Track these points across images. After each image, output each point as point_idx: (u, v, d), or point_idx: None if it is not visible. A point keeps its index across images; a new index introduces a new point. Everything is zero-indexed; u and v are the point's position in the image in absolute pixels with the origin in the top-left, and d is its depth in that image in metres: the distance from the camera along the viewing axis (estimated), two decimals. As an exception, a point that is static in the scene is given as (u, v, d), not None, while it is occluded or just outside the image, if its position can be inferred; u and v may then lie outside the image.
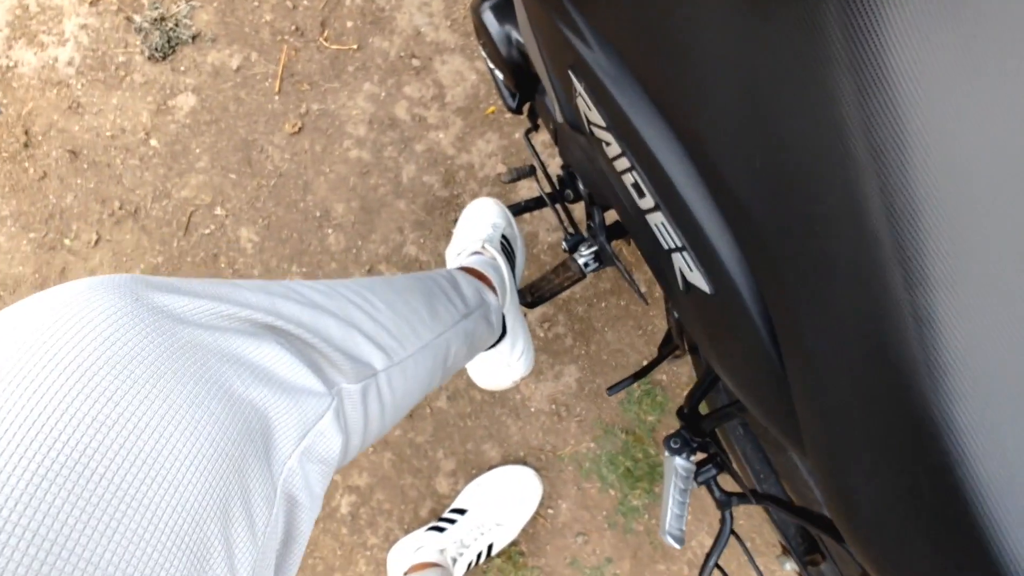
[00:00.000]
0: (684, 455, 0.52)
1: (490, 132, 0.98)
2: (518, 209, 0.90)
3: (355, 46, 0.99)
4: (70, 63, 0.96)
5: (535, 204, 0.88)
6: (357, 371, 0.39)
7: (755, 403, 0.36)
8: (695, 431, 0.52)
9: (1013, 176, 0.22)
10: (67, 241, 0.96)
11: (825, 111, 0.23)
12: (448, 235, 0.97)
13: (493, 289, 0.70)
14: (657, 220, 0.36)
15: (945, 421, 0.23)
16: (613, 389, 0.70)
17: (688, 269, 0.35)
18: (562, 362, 0.97)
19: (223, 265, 0.96)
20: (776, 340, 0.31)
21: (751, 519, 0.92)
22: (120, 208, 0.96)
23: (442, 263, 0.97)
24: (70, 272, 0.96)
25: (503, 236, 0.82)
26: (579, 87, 0.39)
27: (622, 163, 0.38)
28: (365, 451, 0.95)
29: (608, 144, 0.38)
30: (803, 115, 0.24)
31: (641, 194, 0.37)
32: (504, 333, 0.74)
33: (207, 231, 0.97)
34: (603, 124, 0.38)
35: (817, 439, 0.28)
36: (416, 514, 0.94)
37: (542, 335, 0.96)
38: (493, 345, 0.75)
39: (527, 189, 0.98)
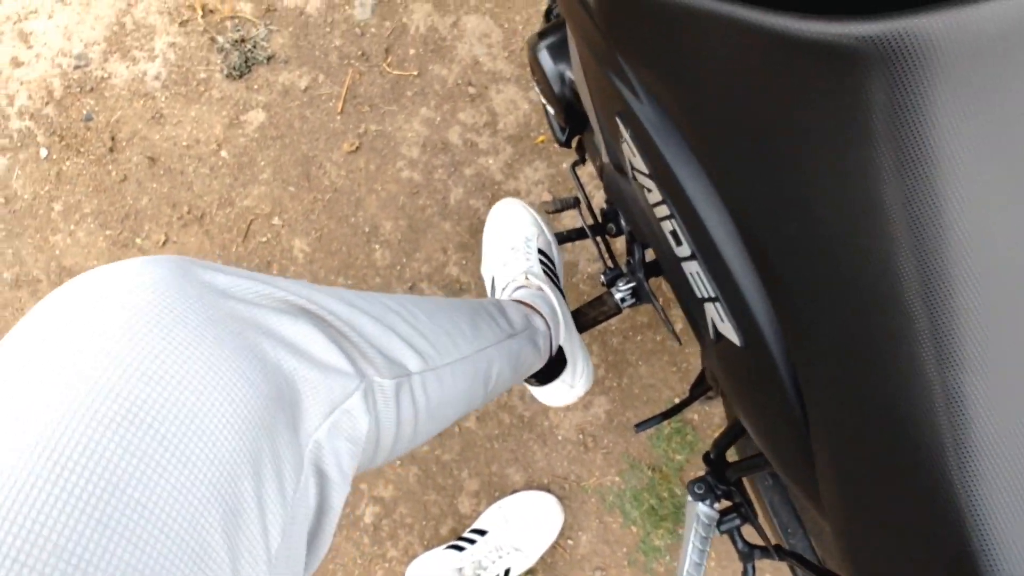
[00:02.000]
0: (708, 502, 0.52)
1: (538, 160, 1.01)
2: (560, 239, 0.91)
3: (415, 72, 1.04)
4: (157, 77, 1.05)
5: (576, 235, 0.89)
6: (390, 368, 0.40)
7: (777, 458, 0.36)
8: (721, 478, 0.51)
9: None
10: (138, 240, 1.03)
11: (864, 185, 0.23)
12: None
13: (542, 316, 0.69)
14: (692, 269, 0.37)
15: (970, 506, 0.23)
16: (641, 426, 0.70)
17: (720, 320, 0.35)
18: (593, 392, 0.97)
19: (275, 272, 1.01)
20: (803, 400, 0.31)
21: (778, 572, 0.89)
22: (188, 212, 1.02)
23: (482, 286, 0.99)
24: (138, 269, 1.03)
25: (540, 254, 0.81)
26: (625, 134, 0.40)
27: (662, 210, 0.39)
28: (392, 463, 0.97)
29: (650, 191, 0.39)
30: (842, 186, 0.24)
31: (679, 242, 0.38)
32: (564, 363, 0.73)
33: (264, 239, 1.02)
34: (646, 171, 0.39)
35: (836, 505, 0.28)
36: (437, 531, 0.95)
37: (575, 364, 0.97)
38: (555, 376, 0.74)
39: (570, 218, 0.99)
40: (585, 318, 0.72)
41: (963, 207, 0.22)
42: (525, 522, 0.90)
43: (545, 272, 0.78)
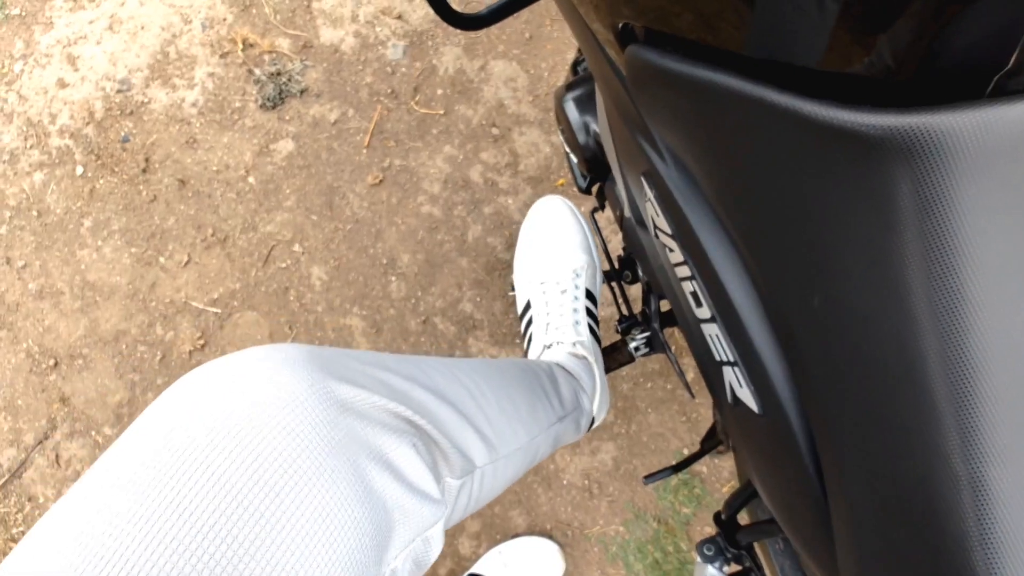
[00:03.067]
0: (717, 564, 0.51)
1: (557, 203, 1.02)
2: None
3: (442, 111, 1.07)
4: (194, 104, 1.08)
5: (592, 279, 0.89)
6: (463, 466, 0.40)
7: (791, 527, 0.35)
8: (732, 541, 0.50)
9: None
10: (162, 259, 1.05)
11: (889, 270, 0.23)
12: (504, 298, 1.00)
13: (586, 392, 0.68)
14: (712, 331, 0.37)
15: None
16: (650, 478, 0.69)
17: (738, 384, 0.35)
18: (601, 438, 0.95)
19: (291, 298, 1.03)
20: (821, 475, 0.31)
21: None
22: (212, 235, 1.05)
23: (495, 323, 1.00)
24: (159, 287, 1.04)
25: (589, 299, 0.75)
26: (649, 194, 0.41)
27: (683, 271, 0.39)
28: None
29: (671, 250, 0.40)
30: (867, 268, 0.25)
31: (699, 303, 0.38)
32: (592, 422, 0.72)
33: (283, 265, 1.04)
34: (669, 232, 0.40)
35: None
36: (435, 572, 0.93)
37: (584, 407, 0.96)
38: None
39: (586, 261, 1.00)
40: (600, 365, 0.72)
41: (987, 299, 0.23)
42: (525, 568, 0.88)
43: (592, 331, 0.74)
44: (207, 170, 1.07)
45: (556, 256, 0.77)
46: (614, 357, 0.71)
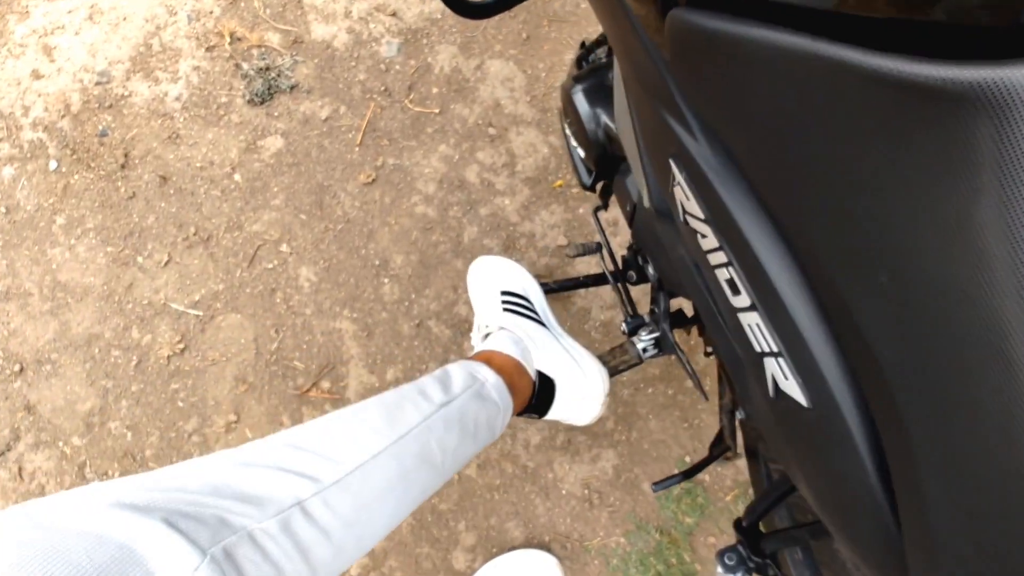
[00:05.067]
0: (739, 574, 0.48)
1: (555, 204, 1.00)
2: (578, 284, 0.89)
3: (437, 110, 1.04)
4: (178, 98, 1.04)
5: (594, 281, 0.87)
6: (267, 508, 0.42)
7: (844, 532, 0.33)
8: (755, 549, 0.48)
9: None
10: (140, 259, 1.00)
11: (969, 236, 0.21)
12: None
13: (496, 363, 0.69)
14: (752, 320, 0.35)
15: None
16: (659, 485, 0.66)
17: (783, 377, 0.33)
18: (601, 445, 0.92)
19: (278, 300, 0.98)
20: (882, 472, 0.28)
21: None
22: (194, 234, 1.00)
23: (491, 326, 0.96)
24: (136, 288, 0.99)
25: (506, 295, 0.81)
26: (679, 177, 0.39)
27: (717, 257, 0.37)
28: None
29: (704, 236, 0.38)
30: (943, 236, 0.22)
31: (736, 291, 0.36)
32: (552, 387, 0.73)
33: (270, 266, 0.99)
34: (701, 216, 0.37)
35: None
36: (428, 587, 0.88)
37: (583, 414, 0.93)
38: (550, 402, 0.73)
39: (584, 264, 0.98)
40: (606, 366, 0.69)
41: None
42: (523, 583, 0.84)
43: (507, 309, 0.78)
44: (190, 167, 1.02)
45: (478, 293, 0.85)
46: (622, 359, 0.68)
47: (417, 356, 0.96)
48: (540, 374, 0.73)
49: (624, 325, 0.69)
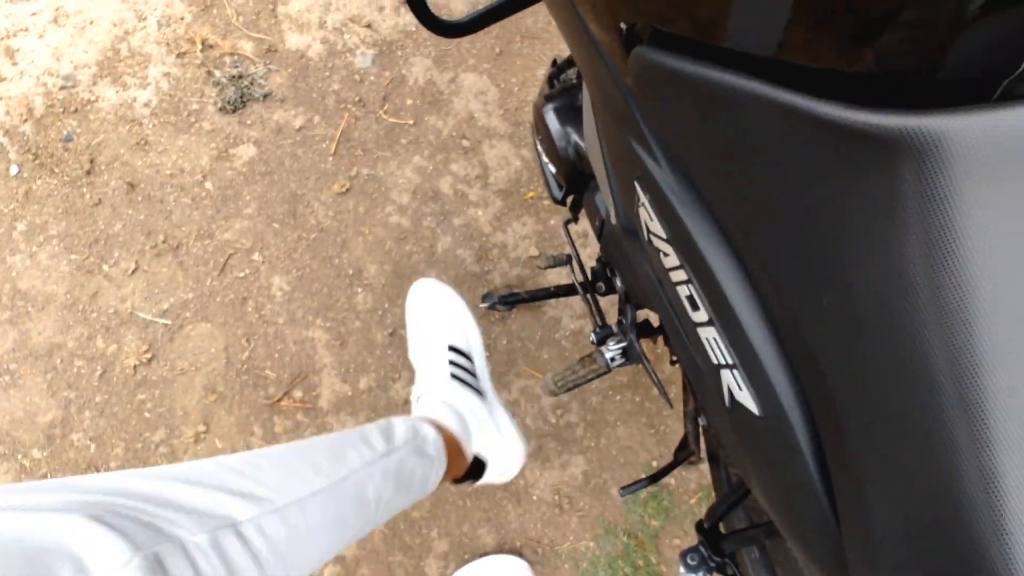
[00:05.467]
0: (701, 574, 0.51)
1: (527, 216, 1.02)
2: (547, 295, 0.92)
3: (411, 121, 1.06)
4: (147, 104, 1.03)
5: (564, 291, 0.90)
6: (203, 523, 0.42)
7: (792, 531, 0.35)
8: (716, 549, 0.50)
9: None
10: (105, 267, 0.98)
11: (896, 265, 0.24)
12: (473, 309, 0.99)
13: (441, 426, 0.72)
14: (709, 335, 0.37)
15: None
16: (626, 490, 0.68)
17: (738, 388, 0.35)
18: (570, 451, 0.95)
19: (250, 309, 0.98)
20: (826, 477, 0.31)
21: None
22: (163, 242, 0.99)
23: (464, 335, 0.98)
24: (101, 296, 0.97)
25: (453, 352, 0.82)
26: (643, 198, 0.41)
27: (679, 275, 0.39)
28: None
29: (666, 255, 0.40)
30: (874, 264, 0.25)
31: (695, 307, 0.38)
32: (481, 472, 0.77)
33: (241, 274, 0.99)
34: (664, 236, 0.40)
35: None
36: (400, 595, 0.89)
37: (553, 421, 0.95)
38: (482, 473, 0.77)
39: (555, 274, 1.00)
40: (575, 375, 0.71)
41: (991, 295, 0.23)
42: (495, 588, 0.86)
43: (453, 375, 0.81)
44: (159, 174, 1.01)
45: (423, 330, 0.86)
46: (591, 368, 0.71)
47: (390, 365, 0.97)
48: (475, 456, 0.77)
49: (593, 335, 0.71)
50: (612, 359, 0.70)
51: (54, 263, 0.98)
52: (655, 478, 0.68)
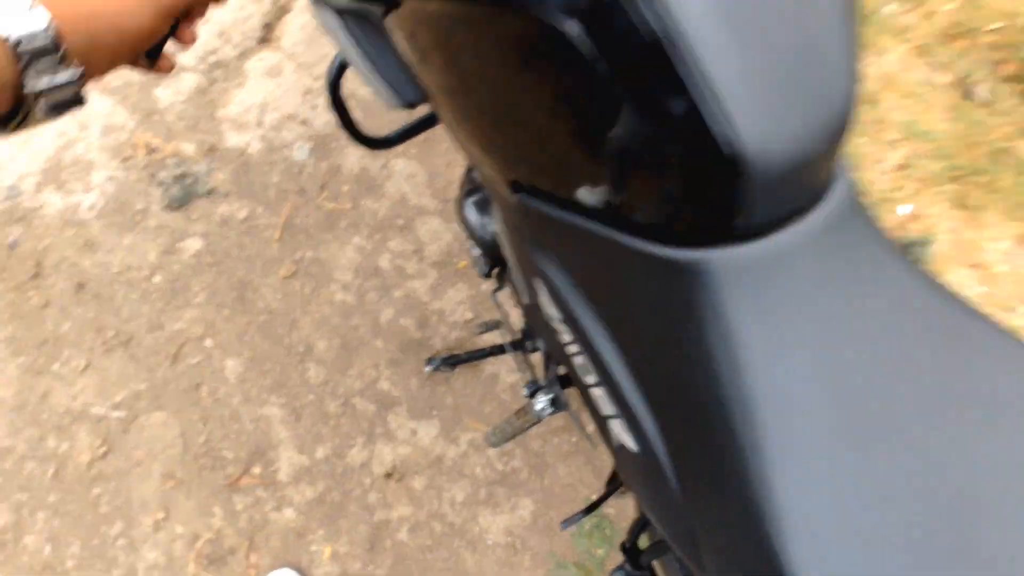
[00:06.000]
0: (625, 586, 0.61)
1: (461, 283, 1.14)
2: (484, 354, 1.03)
3: (349, 206, 1.16)
4: (92, 207, 1.08)
5: (498, 351, 1.01)
6: None
7: (672, 539, 0.47)
8: (636, 564, 0.61)
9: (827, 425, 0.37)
10: (55, 367, 1.01)
11: (691, 353, 0.37)
12: (419, 374, 1.08)
13: None
14: (598, 393, 0.49)
15: (787, 565, 0.35)
16: (567, 523, 0.78)
17: (621, 431, 0.47)
18: (518, 495, 1.04)
19: (204, 393, 1.03)
20: (685, 495, 0.43)
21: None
22: (114, 337, 1.03)
23: (412, 398, 1.07)
24: (52, 396, 1.00)
25: None
26: (540, 291, 0.53)
27: (573, 348, 0.51)
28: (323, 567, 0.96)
29: (564, 333, 0.52)
30: (682, 355, 0.38)
31: (587, 372, 0.50)
32: None
33: (194, 361, 1.04)
34: (559, 318, 0.52)
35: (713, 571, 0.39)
36: (370, 654, 0.93)
37: (500, 468, 1.05)
38: None
39: (493, 334, 1.11)
40: (512, 427, 0.82)
41: (756, 369, 0.37)
42: (459, 633, 0.92)
43: None
44: (107, 272, 1.06)
45: None
46: (526, 419, 0.81)
47: (345, 432, 1.04)
48: None
49: (525, 389, 0.82)
50: (543, 409, 0.81)
51: (1, 367, 1.00)
52: (590, 509, 0.78)
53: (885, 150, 1.44)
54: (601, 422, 0.52)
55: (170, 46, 0.39)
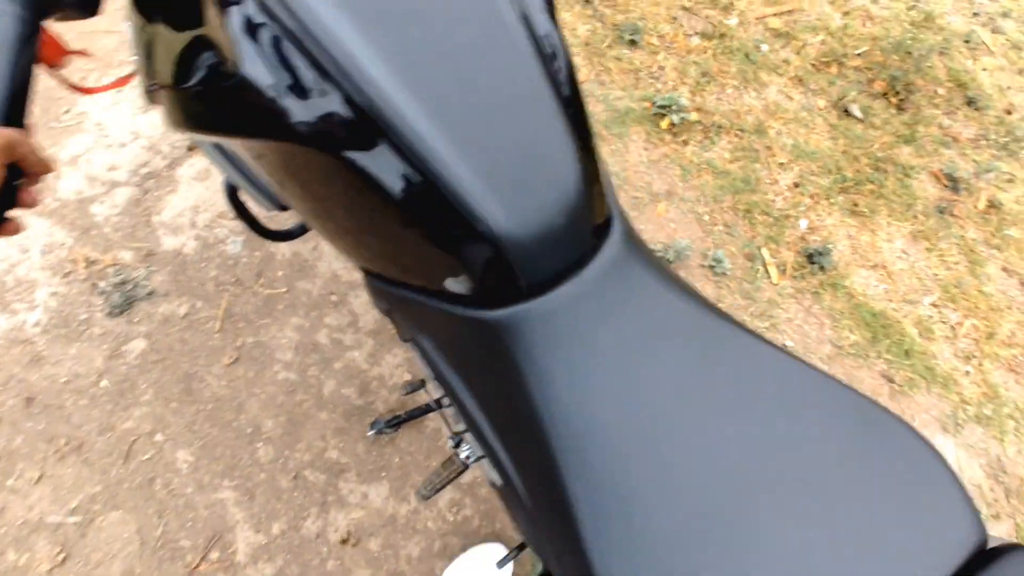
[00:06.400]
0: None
1: (397, 348, 1.21)
2: (423, 411, 1.10)
3: (284, 289, 1.24)
4: (37, 324, 1.15)
5: (426, 410, 1.08)
6: None
7: (540, 556, 0.54)
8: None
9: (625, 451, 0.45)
10: (10, 482, 1.04)
11: (516, 394, 0.46)
12: (365, 439, 1.14)
13: None
14: (468, 438, 0.57)
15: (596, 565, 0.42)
16: (502, 562, 0.84)
17: (489, 469, 0.55)
18: (472, 542, 1.09)
19: (158, 487, 1.07)
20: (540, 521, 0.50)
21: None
22: (65, 444, 1.07)
23: (360, 462, 1.12)
24: (8, 511, 1.03)
25: None
26: (414, 354, 0.62)
27: (445, 401, 0.60)
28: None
29: (434, 390, 0.61)
30: (516, 405, 0.47)
31: (458, 422, 0.58)
32: None
33: (146, 456, 1.09)
34: (431, 376, 0.60)
35: None
36: None
37: (451, 519, 1.10)
38: None
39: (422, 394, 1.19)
40: (440, 477, 0.88)
41: (561, 403, 0.46)
42: None
43: None
44: (55, 383, 1.11)
45: None
46: (452, 468, 0.88)
47: (299, 505, 1.08)
48: None
49: (450, 440, 0.89)
50: (468, 457, 0.88)
51: (-45, 490, 1.03)
52: (522, 547, 0.85)
53: (778, 172, 1.59)
54: (476, 462, 0.59)
55: (14, 212, 0.40)
